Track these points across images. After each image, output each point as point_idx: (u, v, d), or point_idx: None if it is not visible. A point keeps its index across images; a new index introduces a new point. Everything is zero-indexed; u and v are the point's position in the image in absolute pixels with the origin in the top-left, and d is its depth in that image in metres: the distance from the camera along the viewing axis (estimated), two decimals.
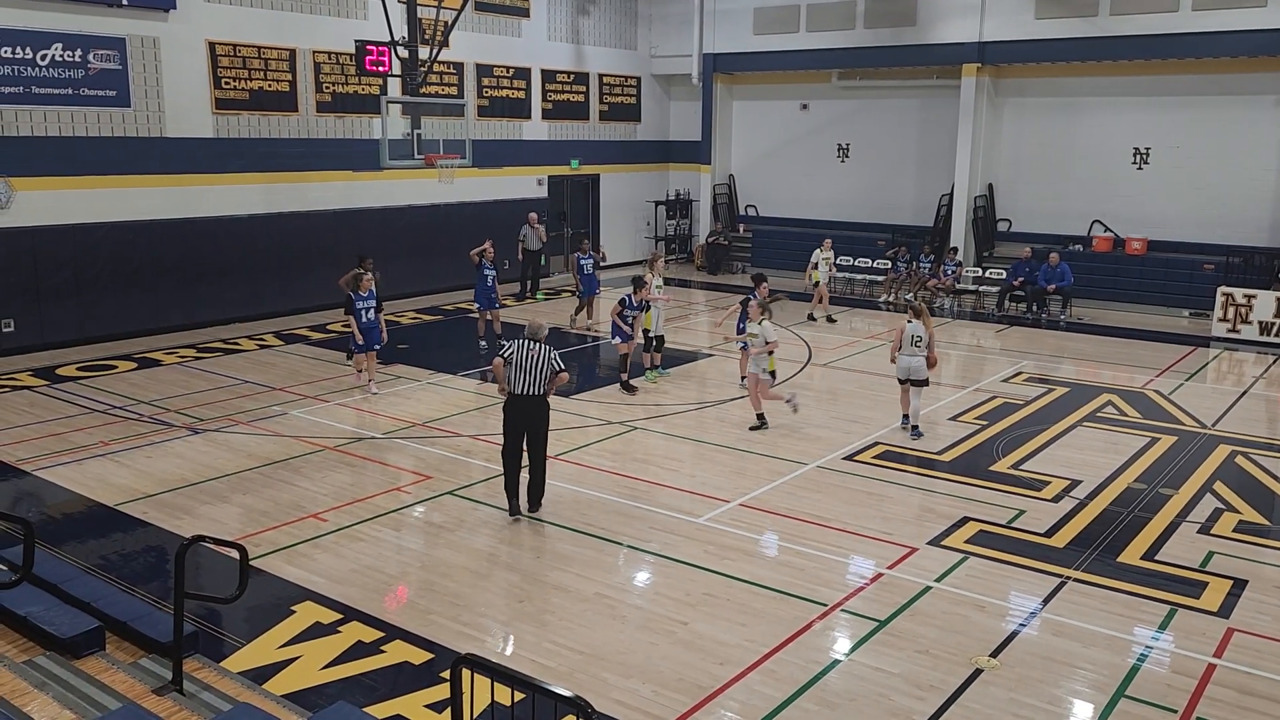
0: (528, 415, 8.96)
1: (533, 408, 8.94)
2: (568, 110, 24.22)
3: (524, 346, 8.91)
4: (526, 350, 8.89)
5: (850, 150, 24.49)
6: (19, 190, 15.03)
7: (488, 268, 15.86)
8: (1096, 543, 8.73)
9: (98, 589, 6.68)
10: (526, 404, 8.92)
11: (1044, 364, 15.80)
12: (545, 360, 8.90)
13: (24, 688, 5.33)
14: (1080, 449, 11.39)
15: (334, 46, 18.69)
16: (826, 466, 10.69)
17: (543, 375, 8.87)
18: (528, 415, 8.96)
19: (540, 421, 9.02)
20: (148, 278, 16.46)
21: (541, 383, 8.88)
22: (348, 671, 6.50)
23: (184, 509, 9.30)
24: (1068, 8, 20.16)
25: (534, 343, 8.94)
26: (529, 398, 8.90)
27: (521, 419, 8.98)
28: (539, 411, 8.99)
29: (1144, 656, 6.83)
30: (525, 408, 8.93)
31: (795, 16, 23.68)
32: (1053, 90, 21.50)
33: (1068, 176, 21.45)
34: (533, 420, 8.98)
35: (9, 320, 15.04)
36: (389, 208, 20.00)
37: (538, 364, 8.87)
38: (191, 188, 17.03)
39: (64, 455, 10.73)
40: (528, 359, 8.87)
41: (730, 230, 25.97)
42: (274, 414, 12.39)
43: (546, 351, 8.95)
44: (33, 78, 14.94)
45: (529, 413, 8.95)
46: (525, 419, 8.98)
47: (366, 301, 13.15)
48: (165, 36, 16.40)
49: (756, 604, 7.50)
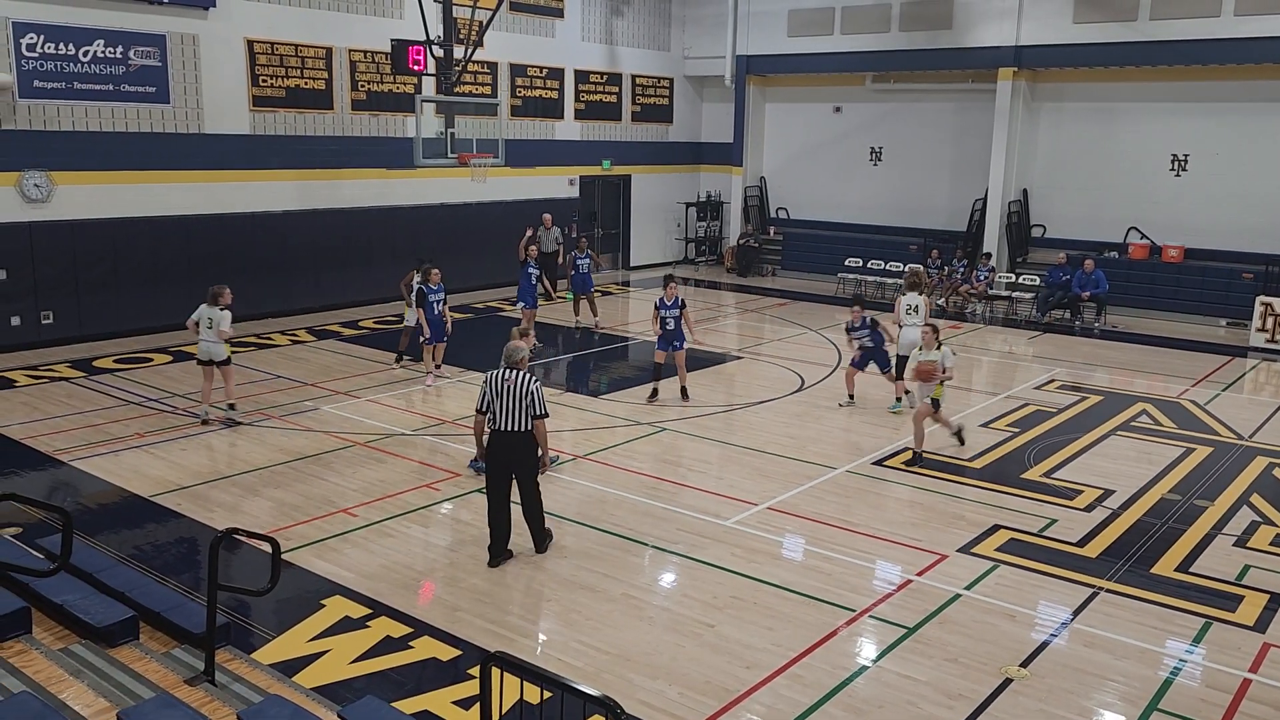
0: (511, 452, 7.91)
1: (516, 444, 7.88)
2: (600, 111, 24.26)
3: (500, 375, 7.85)
4: (503, 379, 7.83)
5: (883, 153, 24.35)
6: (60, 184, 15.27)
7: (531, 266, 15.96)
8: (1130, 553, 8.63)
9: (132, 579, 6.76)
10: (508, 440, 7.87)
11: (1077, 371, 15.63)
12: (526, 390, 7.80)
13: (60, 675, 5.40)
14: (1114, 458, 11.26)
15: (370, 45, 18.83)
16: (855, 471, 10.63)
17: (523, 407, 7.79)
18: (511, 452, 7.91)
19: (527, 457, 8.00)
20: (184, 272, 16.64)
21: (522, 416, 7.81)
22: (376, 666, 6.55)
23: (216, 501, 9.40)
24: (1107, 12, 19.93)
25: (511, 370, 7.88)
26: (511, 433, 7.84)
27: (503, 456, 7.93)
28: (524, 447, 7.94)
29: (1177, 670, 6.74)
30: (507, 444, 7.88)
31: (830, 19, 23.58)
32: (1090, 95, 21.26)
33: (1104, 182, 21.20)
34: (516, 456, 7.94)
35: (48, 312, 15.28)
36: (422, 206, 20.12)
37: (516, 394, 7.78)
38: (228, 184, 17.23)
39: (100, 446, 10.89)
40: (504, 389, 7.80)
41: (761, 233, 25.91)
42: (306, 409, 12.50)
43: (527, 381, 7.84)
44: (75, 74, 15.17)
45: (512, 449, 7.90)
46: (507, 456, 7.92)
47: (437, 294, 13.57)
48: (204, 34, 16.60)
49: (784, 608, 7.47)
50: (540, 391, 7.90)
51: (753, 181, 26.20)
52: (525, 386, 7.82)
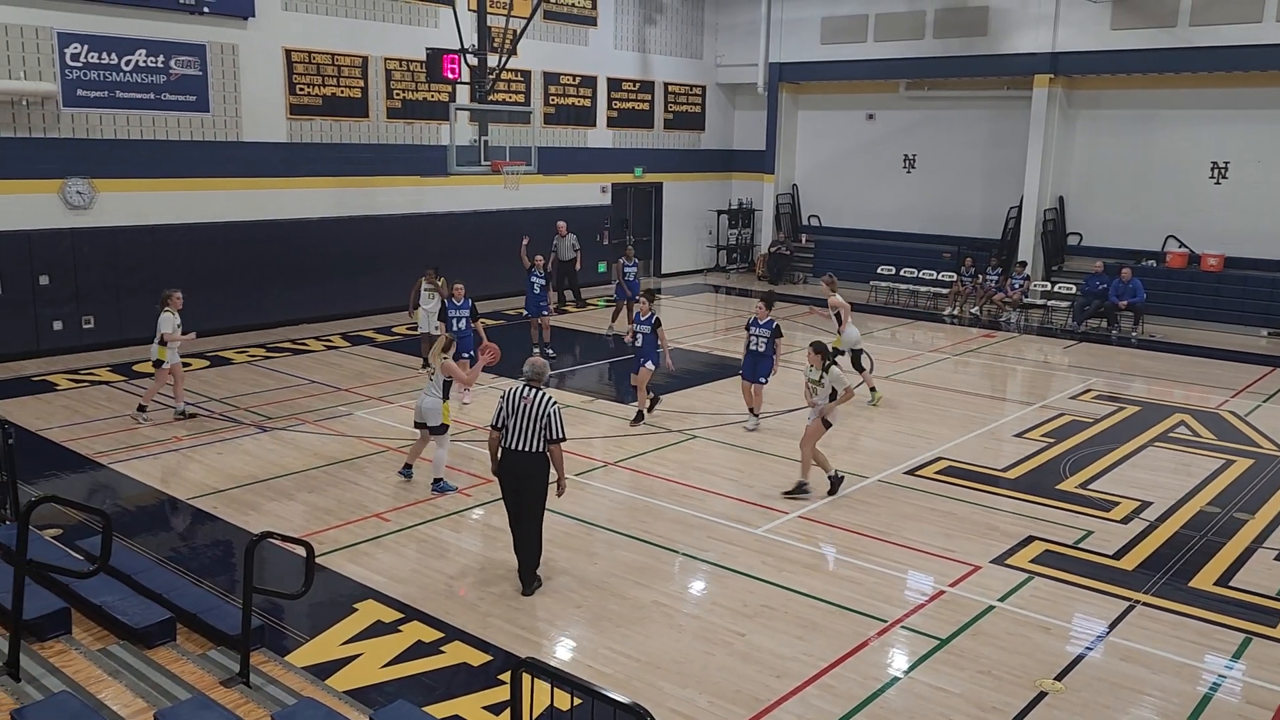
0: (519, 474, 7.55)
1: (526, 465, 7.50)
2: (632, 118, 24.33)
3: (519, 392, 7.54)
4: (520, 396, 7.51)
5: (916, 161, 24.21)
6: (101, 191, 15.54)
7: (536, 275, 16.05)
8: (1167, 566, 8.50)
9: (169, 580, 6.86)
10: (517, 460, 7.51)
11: (1114, 381, 15.44)
12: (543, 410, 7.46)
13: (98, 675, 5.48)
14: (1151, 470, 11.10)
15: (405, 54, 19.02)
16: (887, 481, 10.56)
17: (537, 428, 7.45)
18: (519, 474, 7.55)
19: (535, 481, 7.58)
20: (221, 278, 16.88)
21: (536, 437, 7.46)
22: (407, 670, 6.59)
23: (251, 505, 9.51)
24: (1146, 18, 19.70)
25: (530, 387, 7.57)
26: (521, 453, 7.48)
27: (511, 476, 7.60)
28: (534, 469, 7.53)
29: (1216, 686, 6.62)
30: (516, 464, 7.53)
31: (863, 26, 23.50)
32: (1128, 102, 21.02)
33: (1142, 190, 20.94)
34: (524, 480, 7.56)
35: (89, 317, 15.54)
36: (455, 213, 20.27)
37: (532, 414, 7.45)
38: (265, 191, 17.45)
39: (139, 449, 11.05)
40: (521, 407, 7.47)
41: (793, 240, 25.84)
42: (339, 414, 12.62)
43: (546, 401, 7.50)
44: (117, 82, 15.45)
45: (521, 471, 7.54)
46: (515, 478, 7.59)
47: (461, 310, 13.32)
48: (244, 43, 16.84)
49: (815, 617, 7.43)
50: (559, 414, 7.53)
51: (784, 189, 26.14)
52: (542, 407, 7.46)
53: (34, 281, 15.01)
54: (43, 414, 12.29)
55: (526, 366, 7.82)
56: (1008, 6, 21.42)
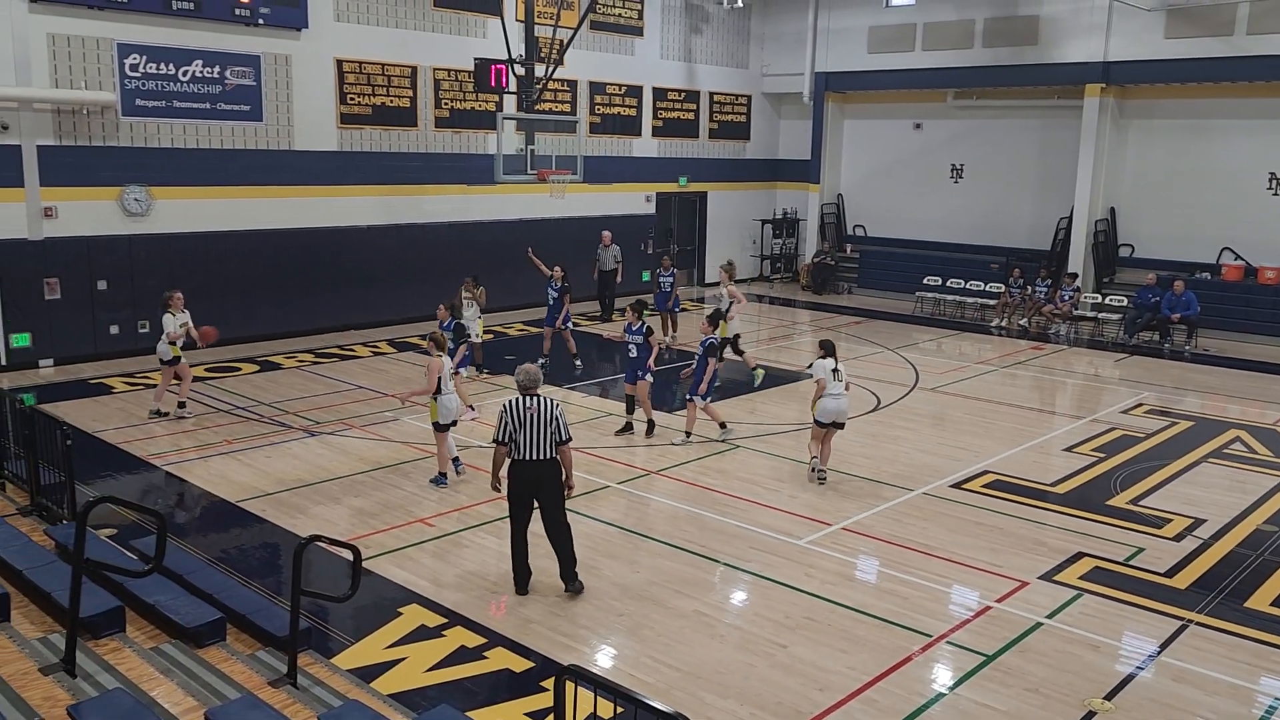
0: (535, 482, 7.62)
1: (541, 472, 7.60)
2: (678, 128, 24.37)
3: (520, 403, 7.57)
4: (524, 407, 7.55)
5: (964, 170, 23.98)
6: (158, 199, 15.90)
7: (553, 286, 16.12)
8: (1222, 586, 8.32)
9: (220, 581, 6.98)
10: (534, 469, 7.59)
11: (1166, 396, 15.15)
12: (552, 416, 7.56)
13: (151, 673, 5.60)
14: (1205, 486, 10.87)
15: (453, 64, 19.23)
16: (933, 494, 10.45)
17: (549, 434, 7.53)
18: (535, 482, 7.62)
19: (551, 486, 7.69)
20: (272, 284, 17.17)
21: (548, 443, 7.54)
22: (451, 675, 6.64)
23: (299, 508, 9.65)
24: (1201, 26, 19.36)
25: (530, 396, 7.62)
26: (538, 462, 7.56)
27: (528, 487, 7.65)
28: (549, 475, 7.64)
29: (1272, 709, 6.47)
30: (531, 474, 7.60)
31: (911, 35, 23.35)
32: (1182, 112, 20.65)
33: (1196, 201, 20.53)
34: (542, 486, 7.65)
35: (144, 321, 15.87)
36: (501, 221, 20.44)
37: (542, 421, 7.53)
38: (315, 199, 17.75)
39: (191, 452, 11.27)
40: (527, 418, 7.52)
41: (837, 250, 25.70)
42: (386, 419, 12.76)
43: (551, 406, 7.61)
44: (175, 93, 15.80)
45: (537, 479, 7.61)
46: (532, 486, 7.65)
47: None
48: (297, 54, 17.15)
49: (858, 630, 7.37)
50: (564, 415, 7.67)
51: (829, 198, 26.02)
52: (551, 412, 7.55)
53: (92, 286, 15.39)
54: (99, 416, 12.58)
55: (520, 375, 7.82)
56: (1059, 15, 21.16)
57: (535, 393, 7.69)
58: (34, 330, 14.95)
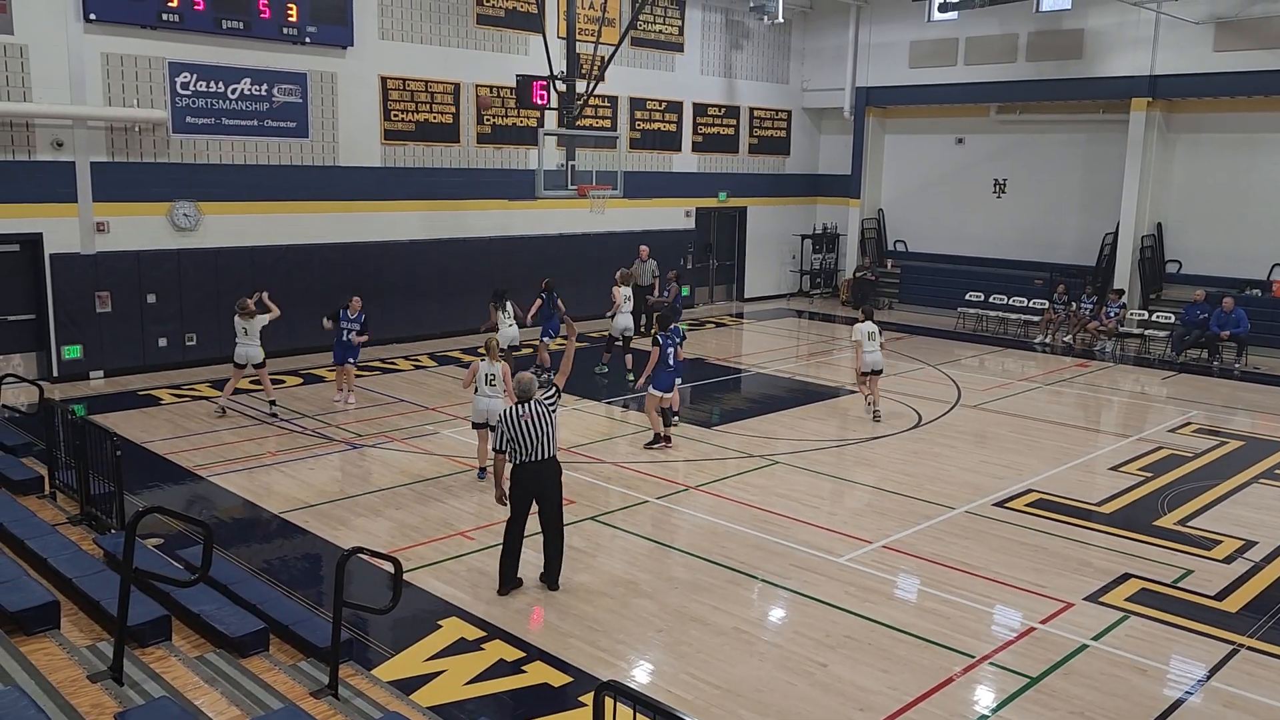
0: (538, 481, 8.05)
1: (544, 472, 8.03)
2: (717, 143, 24.40)
3: (515, 414, 7.92)
4: (518, 416, 7.90)
5: (1007, 185, 23.75)
6: (206, 214, 16.20)
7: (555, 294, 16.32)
8: (1274, 609, 8.12)
9: (263, 592, 7.07)
10: (539, 470, 8.01)
11: (1215, 415, 14.86)
12: (549, 418, 7.98)
13: (196, 682, 5.67)
14: (1256, 508, 10.64)
15: (495, 80, 19.42)
16: (975, 512, 10.33)
17: (549, 434, 7.96)
18: (538, 481, 8.05)
19: (553, 486, 8.13)
20: (316, 298, 17.35)
21: (550, 442, 8.00)
22: (489, 689, 6.66)
23: (340, 520, 9.74)
24: (1250, 39, 19.05)
25: (525, 405, 7.96)
26: (542, 462, 8.01)
27: (531, 486, 8.06)
28: (551, 475, 8.09)
29: None
30: (537, 474, 8.03)
31: (953, 49, 23.22)
32: (1231, 126, 20.31)
33: (1246, 217, 20.17)
34: (544, 485, 8.08)
35: (192, 334, 16.16)
36: (542, 236, 20.57)
37: (541, 424, 7.92)
38: (359, 214, 17.98)
39: (236, 463, 11.43)
40: (525, 425, 7.89)
41: (877, 265, 25.54)
42: (426, 433, 12.86)
43: (545, 409, 7.98)
44: (223, 110, 16.12)
45: (539, 478, 8.04)
46: (535, 485, 8.06)
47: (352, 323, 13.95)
48: (342, 72, 17.42)
49: (899, 650, 7.29)
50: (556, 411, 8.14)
51: (870, 213, 25.89)
52: (547, 414, 7.98)
53: (142, 300, 15.69)
54: (147, 427, 12.81)
55: (517, 385, 8.15)
56: (1104, 29, 20.93)
57: (528, 401, 7.99)
58: (85, 342, 15.27)
